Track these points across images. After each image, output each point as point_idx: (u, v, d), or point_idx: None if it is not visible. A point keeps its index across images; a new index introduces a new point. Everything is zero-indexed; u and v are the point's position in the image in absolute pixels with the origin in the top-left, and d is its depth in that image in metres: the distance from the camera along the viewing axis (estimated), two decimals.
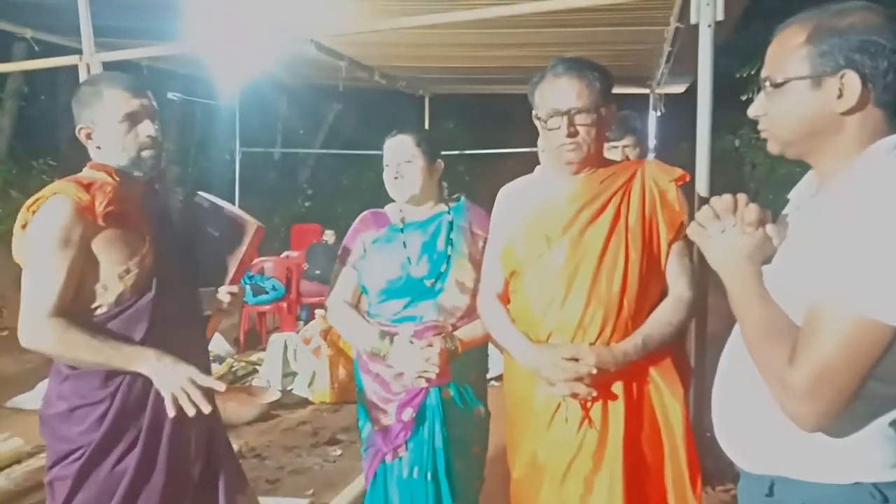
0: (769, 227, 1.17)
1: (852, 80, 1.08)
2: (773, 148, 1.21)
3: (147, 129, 1.71)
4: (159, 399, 1.70)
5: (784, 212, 1.28)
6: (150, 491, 1.70)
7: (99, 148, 1.73)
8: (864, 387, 1.03)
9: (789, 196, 1.29)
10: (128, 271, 1.67)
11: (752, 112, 1.21)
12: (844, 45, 1.08)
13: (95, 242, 1.64)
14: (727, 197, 1.20)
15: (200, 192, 1.94)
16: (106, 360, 1.65)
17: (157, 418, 1.71)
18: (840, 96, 1.09)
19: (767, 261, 1.17)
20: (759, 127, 1.22)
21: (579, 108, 1.67)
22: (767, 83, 1.16)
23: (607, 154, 2.65)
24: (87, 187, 1.64)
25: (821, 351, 1.02)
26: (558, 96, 1.68)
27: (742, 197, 1.20)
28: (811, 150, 1.17)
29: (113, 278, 1.66)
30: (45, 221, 1.62)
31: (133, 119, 1.70)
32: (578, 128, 1.68)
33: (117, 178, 1.70)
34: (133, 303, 1.69)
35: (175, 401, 1.64)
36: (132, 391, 1.69)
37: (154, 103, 1.76)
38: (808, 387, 1.02)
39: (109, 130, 1.71)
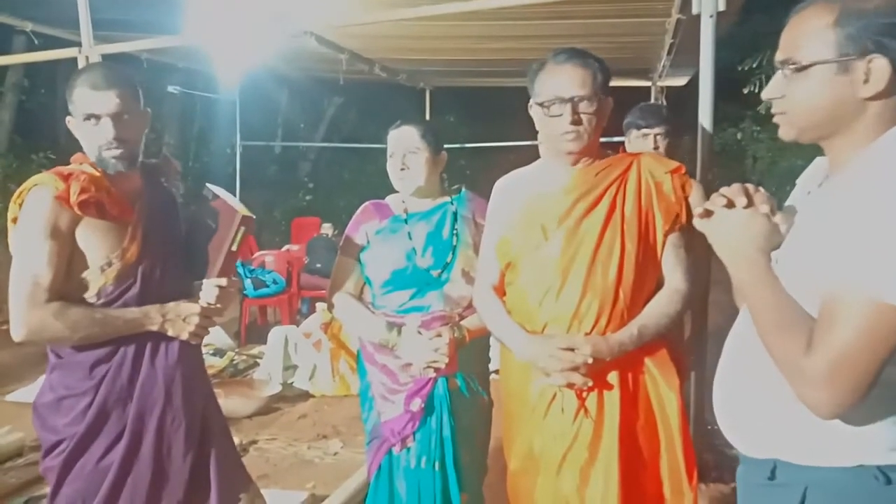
0: (777, 216, 1.17)
1: (881, 66, 1.05)
2: (787, 133, 1.18)
3: (105, 130, 1.66)
4: (144, 391, 1.70)
5: (790, 198, 1.27)
6: (137, 485, 1.70)
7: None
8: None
9: (798, 181, 1.28)
10: (109, 264, 1.67)
11: (767, 94, 1.18)
12: (872, 27, 1.05)
13: (78, 231, 1.64)
14: (736, 185, 1.19)
15: (208, 185, 1.92)
16: (115, 329, 1.66)
17: (141, 412, 1.71)
18: (866, 81, 1.07)
19: (774, 249, 1.16)
20: (774, 110, 1.18)
21: (582, 96, 1.67)
22: (788, 66, 1.13)
23: (640, 141, 2.69)
24: (66, 178, 1.63)
25: (839, 337, 1.01)
26: (562, 83, 1.68)
27: (750, 185, 1.20)
28: (828, 135, 1.14)
29: (95, 270, 1.66)
30: (30, 212, 1.63)
31: (95, 119, 1.67)
32: (581, 116, 1.67)
33: (100, 170, 1.69)
34: (116, 296, 1.68)
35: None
36: (116, 383, 1.69)
37: (131, 98, 1.70)
38: (827, 373, 1.02)
39: (79, 127, 1.71)
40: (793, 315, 1.09)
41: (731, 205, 1.18)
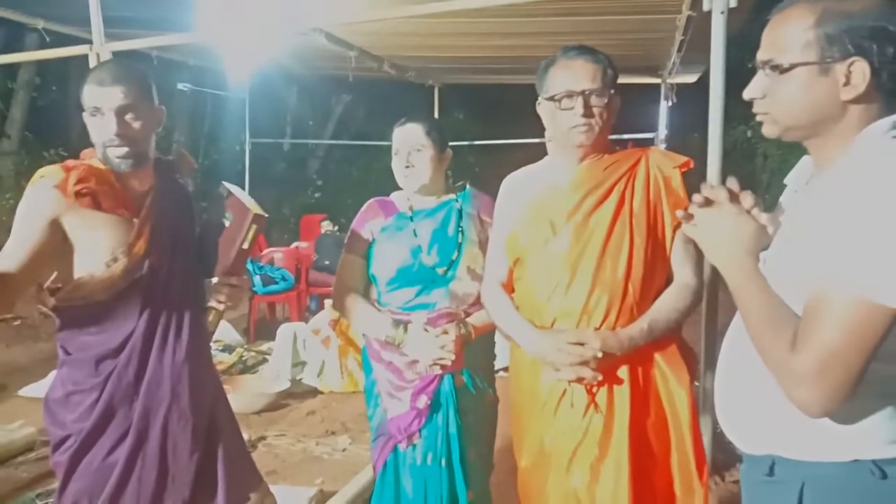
0: (764, 216, 1.18)
1: (861, 69, 1.06)
2: (771, 131, 1.19)
3: (108, 125, 1.65)
4: (150, 389, 1.70)
5: (781, 199, 1.28)
6: (143, 484, 1.69)
7: None
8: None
9: (786, 181, 1.28)
10: (115, 259, 1.66)
11: (748, 94, 1.18)
12: (854, 30, 1.05)
13: (79, 224, 1.63)
14: (717, 186, 1.20)
15: (224, 182, 1.92)
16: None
17: (147, 410, 1.70)
18: (846, 84, 1.07)
19: (764, 249, 1.17)
20: (756, 109, 1.19)
21: (594, 90, 1.68)
22: (769, 66, 1.13)
23: None
24: (70, 170, 1.65)
25: (825, 335, 1.01)
26: (573, 78, 1.69)
27: (734, 187, 1.20)
28: (810, 135, 1.15)
29: (99, 266, 1.65)
30: (28, 199, 1.64)
31: (99, 113, 1.66)
32: (593, 109, 1.69)
33: (106, 164, 1.70)
34: (125, 291, 1.68)
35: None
36: (122, 380, 1.68)
37: (139, 94, 1.69)
38: (814, 372, 1.02)
39: (87, 121, 1.71)
40: (781, 315, 1.10)
41: (707, 203, 1.19)
